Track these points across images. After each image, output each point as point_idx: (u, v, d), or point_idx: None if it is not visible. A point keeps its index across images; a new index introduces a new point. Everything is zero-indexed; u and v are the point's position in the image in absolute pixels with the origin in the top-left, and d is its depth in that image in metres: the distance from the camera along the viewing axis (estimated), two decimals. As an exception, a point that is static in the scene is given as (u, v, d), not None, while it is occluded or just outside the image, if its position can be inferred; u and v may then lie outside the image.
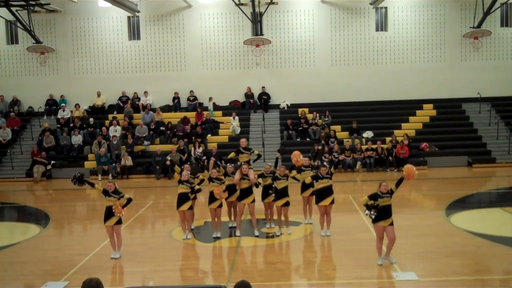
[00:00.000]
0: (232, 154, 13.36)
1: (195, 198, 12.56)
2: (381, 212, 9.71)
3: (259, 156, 13.50)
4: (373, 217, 9.70)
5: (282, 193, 12.20)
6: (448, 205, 15.15)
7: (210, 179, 12.24)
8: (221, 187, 12.04)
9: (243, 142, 13.10)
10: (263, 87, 26.60)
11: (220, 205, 12.25)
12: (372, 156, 22.96)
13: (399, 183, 9.98)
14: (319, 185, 11.92)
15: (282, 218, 12.45)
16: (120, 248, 10.95)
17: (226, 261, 10.91)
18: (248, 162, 12.75)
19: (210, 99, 26.55)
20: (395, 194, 9.98)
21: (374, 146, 23.21)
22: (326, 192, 11.88)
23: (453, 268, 9.69)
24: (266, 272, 10.11)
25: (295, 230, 12.75)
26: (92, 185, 10.94)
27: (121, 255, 10.87)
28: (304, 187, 12.98)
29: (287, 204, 12.32)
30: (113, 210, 10.56)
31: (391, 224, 9.79)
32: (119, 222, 10.83)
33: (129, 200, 10.85)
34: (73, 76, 27.05)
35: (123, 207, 10.68)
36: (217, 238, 12.22)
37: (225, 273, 10.02)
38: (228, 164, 12.87)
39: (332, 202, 11.97)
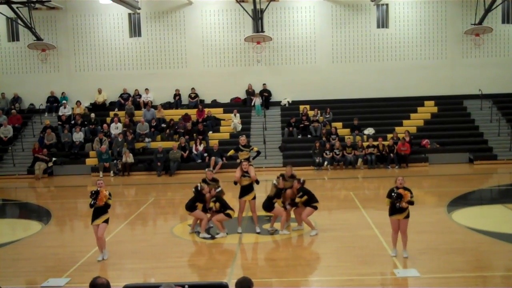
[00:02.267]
0: (231, 152, 13.36)
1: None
2: (394, 206, 9.90)
3: (258, 152, 13.65)
4: (398, 205, 9.83)
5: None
6: (450, 202, 15.15)
7: (205, 181, 12.37)
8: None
9: (242, 140, 13.08)
10: (264, 84, 26.56)
11: None
12: (373, 153, 22.93)
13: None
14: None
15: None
16: (105, 247, 10.63)
17: (227, 258, 10.91)
18: (248, 159, 12.74)
19: (256, 94, 26.25)
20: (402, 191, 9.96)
21: (375, 143, 23.18)
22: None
23: (454, 264, 9.69)
24: (267, 268, 10.14)
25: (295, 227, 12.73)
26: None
27: (122, 252, 10.91)
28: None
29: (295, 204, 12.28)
30: (99, 194, 10.38)
31: (406, 217, 9.94)
32: (106, 221, 10.55)
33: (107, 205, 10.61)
34: (74, 73, 27.04)
35: (105, 203, 10.47)
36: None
37: (227, 269, 10.03)
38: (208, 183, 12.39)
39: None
